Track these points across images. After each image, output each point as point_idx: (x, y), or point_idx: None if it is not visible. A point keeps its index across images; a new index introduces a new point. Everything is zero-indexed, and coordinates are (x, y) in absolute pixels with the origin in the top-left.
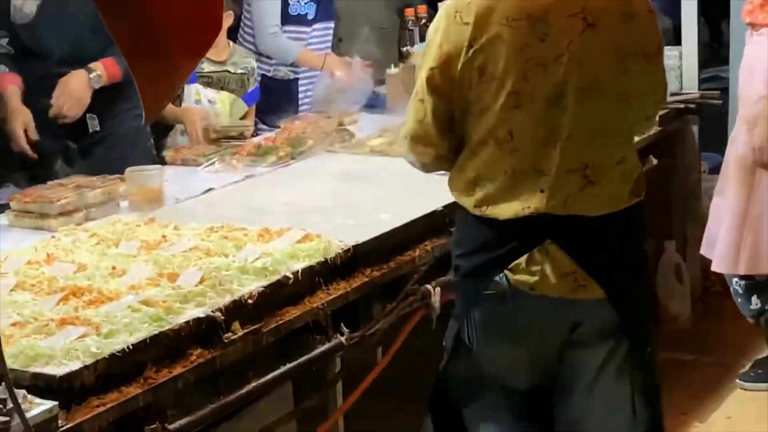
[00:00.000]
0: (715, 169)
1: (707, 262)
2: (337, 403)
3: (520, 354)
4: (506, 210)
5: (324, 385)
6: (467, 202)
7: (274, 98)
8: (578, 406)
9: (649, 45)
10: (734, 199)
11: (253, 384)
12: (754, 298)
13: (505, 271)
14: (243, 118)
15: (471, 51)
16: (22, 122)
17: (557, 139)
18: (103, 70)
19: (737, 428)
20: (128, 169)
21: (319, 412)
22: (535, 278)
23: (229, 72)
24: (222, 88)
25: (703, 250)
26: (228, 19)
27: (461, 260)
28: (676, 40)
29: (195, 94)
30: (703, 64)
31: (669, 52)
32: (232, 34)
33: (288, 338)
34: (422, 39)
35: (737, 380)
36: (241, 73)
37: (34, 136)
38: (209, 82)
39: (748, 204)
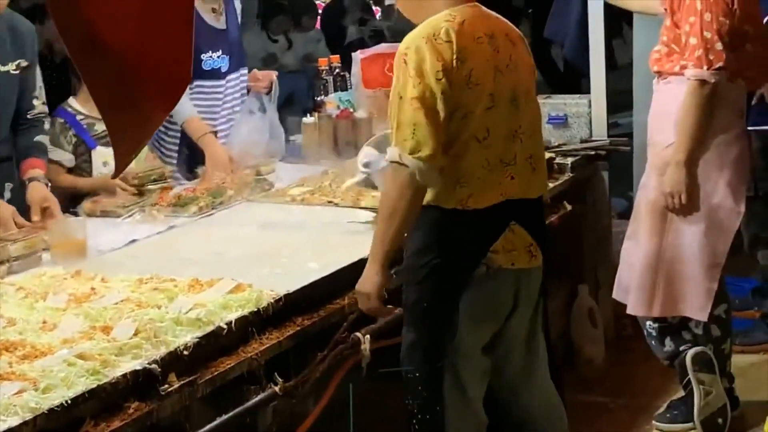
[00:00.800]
0: (623, 214)
1: (620, 306)
2: None
3: (491, 327)
4: (485, 199)
5: None
6: (449, 202)
7: (190, 150)
8: (519, 363)
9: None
10: (647, 243)
11: None
12: (667, 341)
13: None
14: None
15: (457, 62)
16: None
17: (517, 133)
18: None
19: None
20: (50, 222)
21: None
22: (512, 254)
23: None
24: None
25: (616, 294)
26: None
27: (437, 259)
28: (585, 88)
29: (101, 157)
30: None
31: (578, 100)
32: None
33: (222, 389)
34: (336, 88)
35: (653, 422)
36: None
37: None
38: (108, 141)
39: (661, 248)
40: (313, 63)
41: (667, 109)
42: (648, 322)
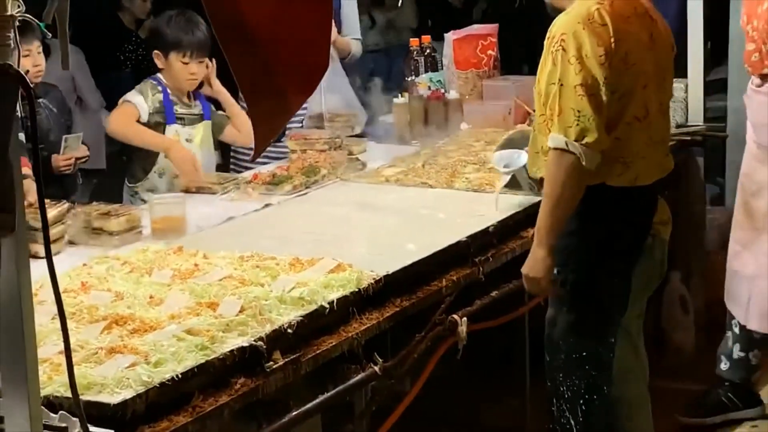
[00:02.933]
0: (714, 200)
1: (711, 293)
2: None
3: (649, 294)
4: (651, 176)
5: (354, 417)
6: (617, 181)
7: None
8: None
9: None
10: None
11: (294, 413)
12: None
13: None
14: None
15: (615, 45)
16: None
17: (664, 109)
18: None
19: None
20: (151, 197)
21: None
22: (666, 225)
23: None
24: None
25: (731, 308)
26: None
27: (609, 236)
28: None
29: (174, 133)
30: None
31: (675, 84)
32: None
33: (323, 368)
34: (427, 69)
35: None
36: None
37: None
38: (183, 123)
39: None
40: (396, 43)
41: None
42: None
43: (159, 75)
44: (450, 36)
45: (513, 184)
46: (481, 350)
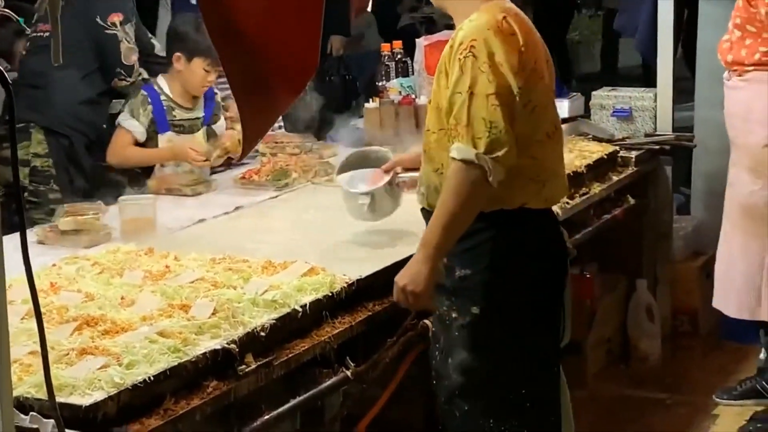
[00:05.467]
0: (680, 209)
1: (677, 302)
2: None
3: None
4: (560, 195)
5: (326, 421)
6: (535, 202)
7: None
8: None
9: None
10: (747, 246)
11: (266, 417)
12: None
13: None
14: None
15: (525, 54)
16: None
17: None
18: None
19: None
20: (121, 199)
21: None
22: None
23: (197, 119)
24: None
25: (716, 303)
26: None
27: (535, 262)
28: (650, 81)
29: (167, 141)
30: None
31: (644, 93)
32: None
33: (295, 372)
34: (398, 74)
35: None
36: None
37: None
38: (182, 129)
39: (764, 251)
40: (364, 48)
41: (753, 107)
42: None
43: (155, 81)
44: (421, 41)
45: (371, 209)
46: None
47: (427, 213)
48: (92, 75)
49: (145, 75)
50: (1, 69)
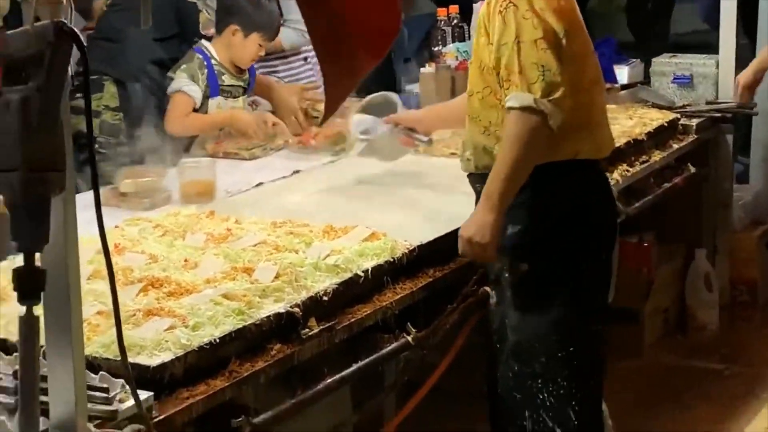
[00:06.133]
0: (739, 178)
1: (736, 272)
2: (393, 407)
3: None
4: (609, 147)
5: (384, 388)
6: (587, 151)
7: None
8: None
9: None
10: None
11: (328, 380)
12: None
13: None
14: None
15: (563, 1)
16: None
17: None
18: None
19: None
20: (181, 161)
21: (375, 416)
22: None
23: (241, 86)
24: None
25: None
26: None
27: (586, 217)
28: (710, 48)
29: (216, 107)
30: None
31: (706, 60)
32: None
33: (357, 336)
34: (455, 39)
35: None
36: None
37: None
38: (229, 95)
39: None
40: (414, 12)
41: None
42: None
43: (203, 45)
44: (478, 6)
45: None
46: None
47: (476, 177)
48: (169, 40)
49: None
50: (76, 31)
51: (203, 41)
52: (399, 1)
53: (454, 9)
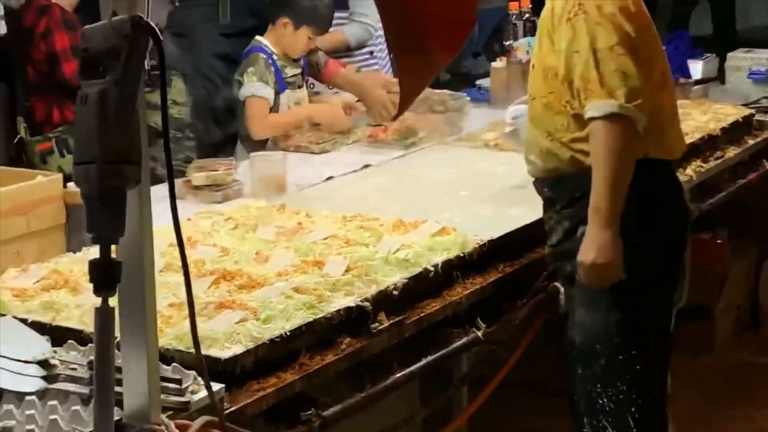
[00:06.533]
0: None
1: None
2: (462, 402)
3: None
4: (681, 148)
5: (453, 383)
6: (657, 151)
7: None
8: None
9: None
10: None
11: (398, 375)
12: None
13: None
14: None
15: (634, 3)
16: None
17: None
18: None
19: None
20: (252, 155)
21: (444, 411)
22: None
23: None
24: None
25: None
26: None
27: (658, 217)
28: None
29: (289, 100)
30: None
31: None
32: None
33: (426, 331)
34: (526, 33)
35: None
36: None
37: None
38: (293, 86)
39: None
40: (484, 6)
41: None
42: None
43: (261, 41)
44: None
45: (514, 136)
46: None
47: (542, 182)
48: (243, 35)
49: None
50: (153, 25)
51: (258, 38)
52: None
53: (525, 3)
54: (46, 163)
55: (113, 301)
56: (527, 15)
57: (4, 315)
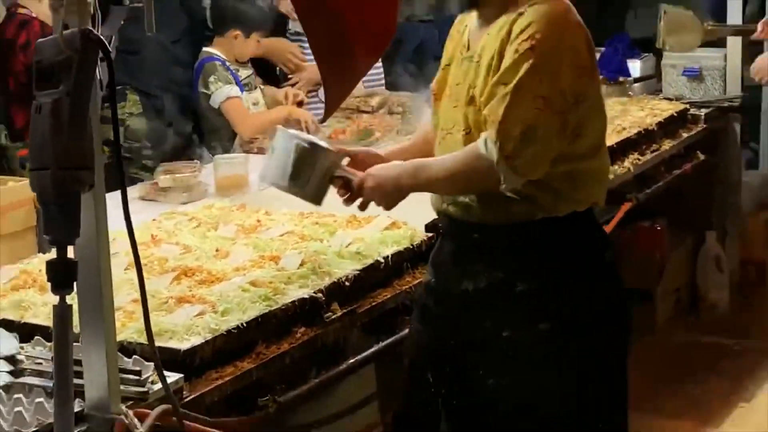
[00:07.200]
0: (748, 164)
1: (746, 253)
2: None
3: None
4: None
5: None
6: (582, 205)
7: None
8: None
9: None
10: None
11: (351, 361)
12: None
13: None
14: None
15: (588, 53)
16: None
17: None
18: None
19: None
20: (216, 157)
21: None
22: None
23: (251, 76)
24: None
25: None
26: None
27: (608, 271)
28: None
29: (248, 101)
30: None
31: (713, 54)
32: None
33: (378, 319)
34: None
35: None
36: None
37: None
38: (247, 88)
39: None
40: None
41: None
42: None
43: (211, 51)
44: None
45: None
46: None
47: (473, 227)
48: (182, 40)
49: None
50: (102, 38)
51: (206, 49)
52: (395, 7)
53: None
54: (25, 168)
55: (72, 299)
56: None
57: None
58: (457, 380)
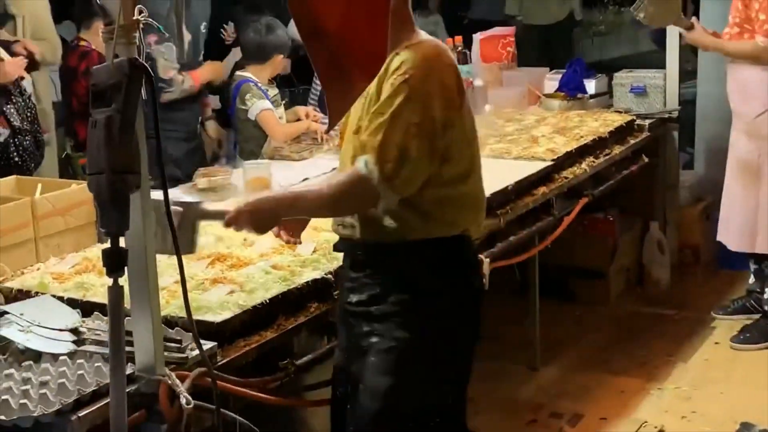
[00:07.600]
0: (686, 165)
1: (682, 239)
2: None
3: None
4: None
5: None
6: (473, 231)
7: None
8: None
9: None
10: (744, 195)
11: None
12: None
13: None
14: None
15: (458, 87)
16: None
17: None
18: None
19: (713, 368)
20: (245, 163)
21: None
22: None
23: (278, 95)
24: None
25: (720, 237)
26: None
27: (472, 288)
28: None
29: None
30: None
31: (656, 74)
32: None
33: None
34: (459, 62)
35: (730, 342)
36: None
37: None
38: (275, 105)
39: (758, 197)
40: None
41: (746, 86)
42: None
43: (244, 75)
44: (477, 36)
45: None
46: (501, 283)
47: (356, 245)
48: None
49: (190, 82)
50: (146, 65)
51: (240, 72)
52: (385, 32)
53: (458, 39)
54: (86, 172)
55: (123, 281)
56: (460, 48)
57: (45, 293)
58: (348, 381)
